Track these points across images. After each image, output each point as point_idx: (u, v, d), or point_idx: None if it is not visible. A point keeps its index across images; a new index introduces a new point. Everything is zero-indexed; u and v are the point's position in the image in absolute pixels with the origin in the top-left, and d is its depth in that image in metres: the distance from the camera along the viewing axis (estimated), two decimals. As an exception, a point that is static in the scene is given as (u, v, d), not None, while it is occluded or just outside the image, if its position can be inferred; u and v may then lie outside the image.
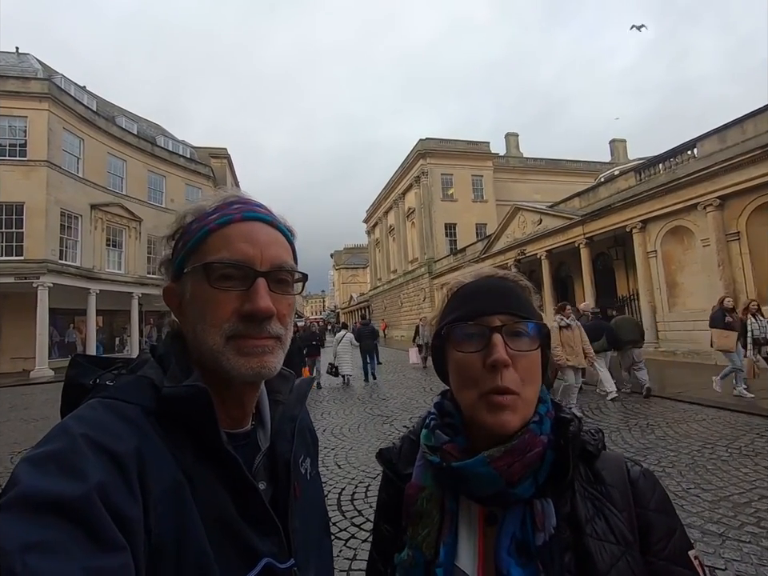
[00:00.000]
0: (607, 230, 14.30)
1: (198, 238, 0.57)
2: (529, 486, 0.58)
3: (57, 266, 17.54)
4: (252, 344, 0.54)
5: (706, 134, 11.14)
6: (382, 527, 0.71)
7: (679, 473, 4.07)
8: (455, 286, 0.68)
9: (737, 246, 10.45)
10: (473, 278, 0.67)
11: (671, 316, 12.26)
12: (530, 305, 0.64)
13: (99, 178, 20.79)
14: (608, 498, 0.59)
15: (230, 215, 0.58)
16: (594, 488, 0.60)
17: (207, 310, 0.54)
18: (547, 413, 0.62)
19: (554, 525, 0.56)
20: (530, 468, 0.58)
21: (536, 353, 0.61)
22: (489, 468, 0.56)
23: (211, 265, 0.54)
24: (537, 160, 35.45)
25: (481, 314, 0.61)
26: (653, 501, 0.60)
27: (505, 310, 0.61)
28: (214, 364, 0.54)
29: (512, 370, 0.58)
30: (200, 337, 0.55)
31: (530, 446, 0.58)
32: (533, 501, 0.58)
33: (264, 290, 0.55)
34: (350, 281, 79.95)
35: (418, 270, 32.52)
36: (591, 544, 0.55)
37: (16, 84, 17.62)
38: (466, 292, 0.66)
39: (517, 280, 0.67)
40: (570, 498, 0.58)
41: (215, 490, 0.51)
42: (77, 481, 0.39)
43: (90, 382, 0.54)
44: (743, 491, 3.60)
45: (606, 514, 0.57)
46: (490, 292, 0.63)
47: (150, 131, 27.49)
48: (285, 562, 0.56)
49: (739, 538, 2.88)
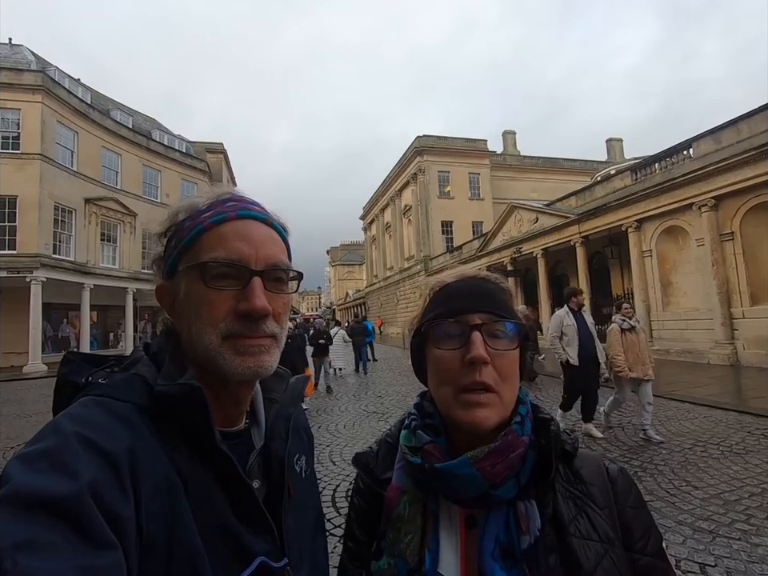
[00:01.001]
0: (603, 229, 14.36)
1: (191, 236, 0.57)
2: (511, 487, 0.58)
3: (50, 260, 17.37)
4: (248, 343, 0.54)
5: (701, 135, 11.19)
6: (356, 532, 0.70)
7: (671, 471, 4.11)
8: (437, 285, 0.68)
9: (731, 246, 10.53)
10: (454, 279, 0.67)
11: (665, 315, 12.35)
12: (509, 306, 0.65)
13: (93, 172, 20.58)
14: (589, 496, 0.59)
15: (224, 213, 0.57)
16: (574, 487, 0.60)
17: (203, 310, 0.54)
18: (528, 413, 0.63)
19: (539, 526, 0.56)
20: (513, 469, 0.58)
21: (514, 352, 0.61)
22: (472, 469, 0.56)
23: (206, 264, 0.54)
24: (534, 158, 35.49)
25: (461, 312, 0.61)
26: (631, 498, 0.60)
27: (485, 308, 0.61)
28: (210, 363, 0.54)
29: (490, 368, 0.58)
30: (196, 336, 0.54)
31: (513, 446, 0.58)
32: (516, 502, 0.57)
33: (260, 289, 0.55)
34: (346, 277, 79.86)
35: (414, 268, 32.53)
36: (575, 543, 0.55)
37: (9, 75, 17.36)
38: (448, 291, 0.66)
39: (498, 282, 0.67)
40: (552, 498, 0.58)
41: (209, 488, 0.51)
42: (69, 479, 0.39)
43: (82, 380, 0.53)
44: (734, 489, 3.64)
45: (588, 513, 0.57)
46: (470, 292, 0.64)
47: (146, 125, 27.25)
48: (279, 561, 0.56)
49: (729, 535, 2.91)
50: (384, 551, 0.61)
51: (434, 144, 32.17)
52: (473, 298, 0.63)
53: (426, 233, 31.33)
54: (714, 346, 10.74)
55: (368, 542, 0.67)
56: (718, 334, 10.64)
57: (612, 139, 38.28)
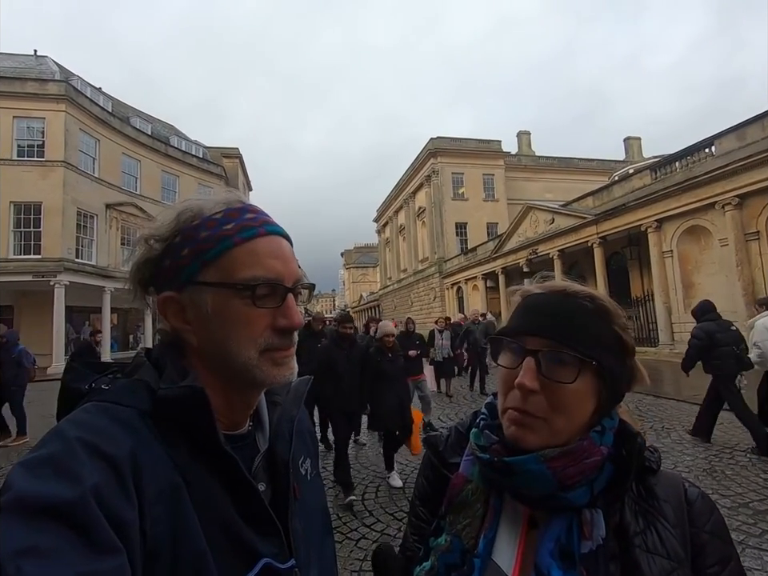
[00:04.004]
0: (621, 229, 14.10)
1: (218, 250, 0.55)
2: (583, 493, 0.56)
3: (73, 264, 17.87)
4: (284, 355, 0.58)
5: (724, 132, 10.90)
6: (419, 509, 0.72)
7: (696, 478, 3.98)
8: (524, 294, 0.66)
9: (756, 245, 10.22)
10: (541, 290, 0.64)
11: (687, 317, 11.97)
12: (589, 331, 0.58)
13: (114, 178, 21.12)
14: (660, 512, 0.57)
15: (252, 228, 0.57)
16: (646, 502, 0.58)
17: (240, 326, 0.55)
18: (612, 428, 0.60)
19: (603, 535, 0.54)
20: (586, 476, 0.56)
21: (577, 386, 0.56)
22: (542, 466, 0.55)
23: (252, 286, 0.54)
24: (549, 159, 35.09)
25: (522, 333, 0.60)
26: (709, 523, 0.57)
27: (548, 333, 0.57)
28: (248, 376, 0.56)
29: (541, 397, 0.56)
30: (232, 351, 0.55)
31: (587, 452, 0.56)
32: (581, 509, 0.56)
33: (294, 306, 0.58)
34: (360, 280, 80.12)
35: (429, 270, 32.45)
36: (640, 556, 0.53)
37: (34, 86, 17.98)
38: (527, 304, 0.63)
39: (585, 299, 0.60)
40: (619, 509, 0.57)
41: (213, 491, 0.51)
42: (72, 484, 0.39)
43: (85, 387, 0.54)
44: (763, 498, 3.51)
45: (658, 528, 0.55)
46: (543, 310, 0.60)
47: (164, 131, 27.86)
48: (285, 563, 0.56)
49: (760, 546, 2.80)
50: (443, 530, 0.63)
51: (448, 146, 32.07)
52: (542, 318, 0.59)
53: (440, 234, 31.21)
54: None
55: (429, 521, 0.69)
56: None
57: (630, 138, 37.59)
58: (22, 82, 17.95)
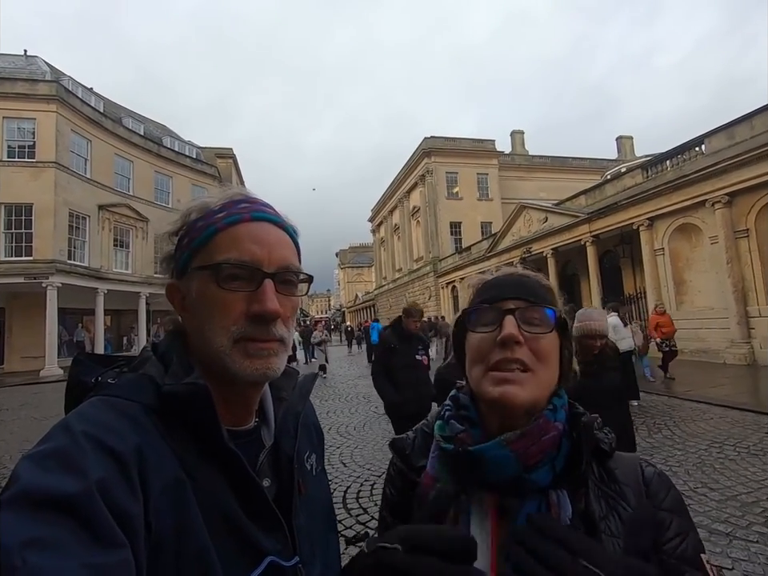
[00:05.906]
0: (614, 227, 14.19)
1: (204, 236, 0.57)
2: (546, 473, 0.58)
3: (65, 266, 17.70)
4: (258, 347, 0.55)
5: (714, 130, 11.01)
6: (389, 521, 0.72)
7: (686, 472, 4.05)
8: (479, 282, 0.71)
9: (746, 243, 10.33)
10: (494, 275, 0.71)
11: (679, 314, 12.13)
12: (547, 296, 0.66)
13: (106, 179, 20.95)
14: (621, 496, 0.59)
15: (238, 215, 0.58)
16: (607, 486, 0.60)
17: (215, 311, 0.55)
18: (563, 406, 0.64)
19: (570, 516, 0.56)
20: (547, 454, 0.59)
21: (551, 336, 0.62)
22: (506, 450, 0.57)
23: (220, 265, 0.54)
24: (542, 158, 35.21)
25: (496, 299, 0.64)
26: (666, 500, 0.60)
27: (519, 295, 0.64)
28: (220, 365, 0.54)
29: (525, 348, 0.60)
30: (207, 337, 0.55)
31: (544, 430, 0.59)
32: (548, 491, 0.58)
33: (271, 292, 0.55)
34: (355, 280, 79.95)
35: (424, 269, 32.45)
36: (605, 541, 0.55)
37: (24, 86, 17.79)
38: (487, 285, 0.69)
39: (538, 278, 0.69)
40: (584, 494, 0.59)
41: (217, 487, 0.51)
42: (77, 477, 0.39)
43: (92, 380, 0.54)
44: (751, 490, 3.57)
45: (620, 512, 0.58)
46: (508, 282, 0.67)
47: (157, 132, 27.65)
48: (289, 560, 0.56)
49: (747, 538, 2.86)
50: None
51: (442, 145, 32.10)
52: (509, 288, 0.66)
53: (435, 234, 31.25)
54: (729, 346, 10.54)
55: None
56: (733, 333, 10.43)
57: (622, 137, 37.80)
58: (11, 83, 17.76)
